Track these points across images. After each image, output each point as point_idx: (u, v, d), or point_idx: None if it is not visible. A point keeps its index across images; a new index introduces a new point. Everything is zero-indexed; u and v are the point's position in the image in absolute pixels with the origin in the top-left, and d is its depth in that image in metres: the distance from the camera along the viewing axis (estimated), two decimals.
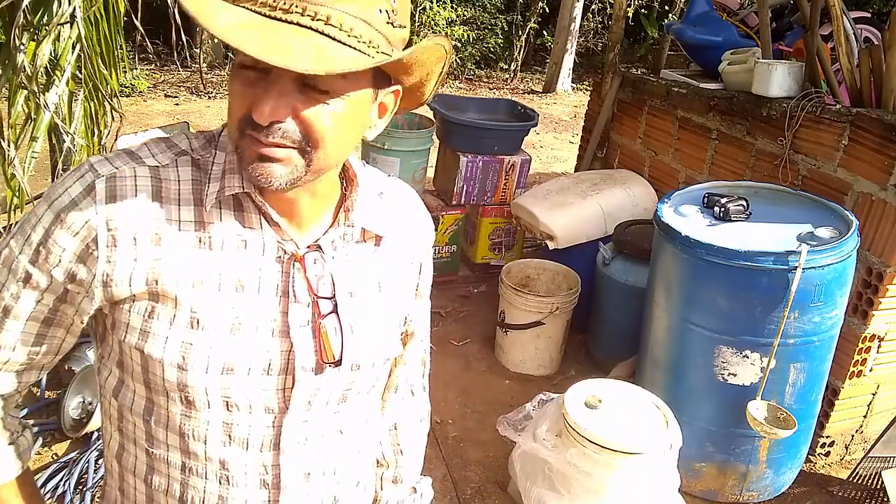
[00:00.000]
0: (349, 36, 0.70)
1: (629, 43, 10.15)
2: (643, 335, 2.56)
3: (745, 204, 2.38)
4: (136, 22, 2.39)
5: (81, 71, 2.28)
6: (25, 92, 2.08)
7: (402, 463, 1.16)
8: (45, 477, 2.21)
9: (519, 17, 9.52)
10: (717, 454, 2.37)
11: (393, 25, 0.75)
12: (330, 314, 0.85)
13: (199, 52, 6.91)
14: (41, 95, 2.09)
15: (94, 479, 2.22)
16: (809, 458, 2.62)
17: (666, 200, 2.52)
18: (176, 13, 2.35)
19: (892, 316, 2.47)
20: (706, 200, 2.47)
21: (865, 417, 2.69)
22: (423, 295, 1.05)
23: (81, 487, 2.20)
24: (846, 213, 2.33)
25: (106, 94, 2.38)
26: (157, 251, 0.79)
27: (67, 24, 2.10)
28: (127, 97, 6.75)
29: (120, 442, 0.89)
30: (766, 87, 2.80)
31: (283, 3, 0.69)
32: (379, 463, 1.14)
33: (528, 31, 9.42)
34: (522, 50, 9.58)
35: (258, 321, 0.82)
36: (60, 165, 2.39)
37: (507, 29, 9.55)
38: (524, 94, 9.09)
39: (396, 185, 0.99)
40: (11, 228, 1.36)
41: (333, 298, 0.86)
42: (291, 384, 0.85)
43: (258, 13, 0.70)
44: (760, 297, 2.14)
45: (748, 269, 2.12)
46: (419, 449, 1.19)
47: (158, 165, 0.81)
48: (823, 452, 2.69)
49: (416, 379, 1.14)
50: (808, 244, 2.12)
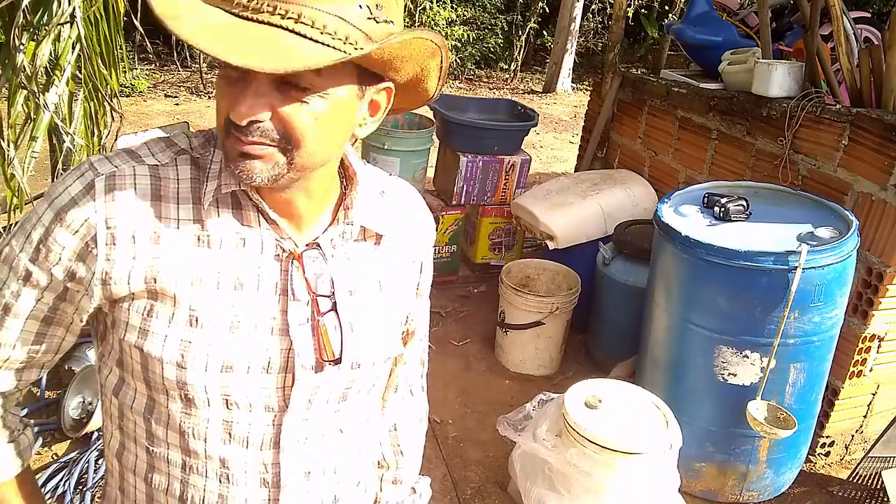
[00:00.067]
0: (322, 33, 0.70)
1: (629, 43, 10.15)
2: (643, 335, 2.56)
3: (745, 204, 2.38)
4: (136, 22, 2.38)
5: (81, 71, 2.28)
6: (25, 92, 2.08)
7: (401, 464, 1.16)
8: (45, 477, 2.21)
9: (519, 17, 9.51)
10: (717, 454, 2.37)
11: (376, 21, 0.73)
12: (329, 312, 0.85)
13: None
14: (41, 95, 2.09)
15: (94, 479, 2.22)
16: (809, 458, 2.62)
17: (666, 200, 2.52)
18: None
19: (892, 316, 2.47)
20: (706, 200, 2.47)
21: (865, 417, 2.69)
22: (423, 294, 1.05)
23: (81, 487, 2.20)
24: (846, 213, 2.33)
25: (106, 94, 2.38)
26: (155, 249, 0.79)
27: (67, 23, 2.10)
28: (127, 97, 6.75)
29: (120, 440, 0.90)
30: (766, 87, 2.80)
31: (255, 2, 0.69)
32: (379, 464, 1.14)
33: (528, 31, 9.41)
34: (522, 50, 9.57)
35: (257, 319, 0.82)
36: (60, 165, 2.39)
37: (507, 29, 9.55)
38: (524, 94, 9.09)
39: (398, 184, 0.99)
40: (12, 228, 1.36)
41: (332, 296, 0.86)
42: (291, 382, 0.84)
43: (231, 13, 0.70)
44: (760, 297, 2.14)
45: (748, 269, 2.12)
46: (418, 449, 1.19)
47: (158, 164, 0.82)
48: (823, 452, 2.68)
49: (415, 379, 1.14)
50: (808, 244, 2.12)
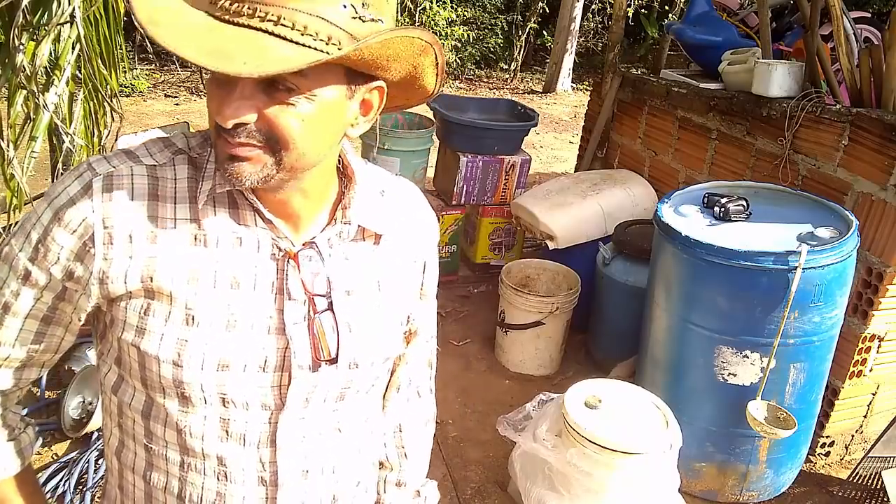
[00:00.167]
0: (302, 34, 0.69)
1: (629, 43, 10.15)
2: (643, 335, 2.55)
3: (745, 204, 2.38)
4: (135, 22, 2.38)
5: (81, 71, 2.28)
6: (25, 92, 2.08)
7: (406, 466, 1.14)
8: (45, 477, 2.21)
9: (519, 17, 9.51)
10: (717, 454, 2.37)
11: (362, 20, 0.73)
12: (325, 311, 0.85)
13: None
14: (41, 95, 2.08)
15: (94, 479, 2.22)
16: (809, 458, 2.62)
17: (666, 200, 2.52)
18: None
19: (892, 316, 2.47)
20: (706, 200, 2.47)
21: (865, 417, 2.69)
22: (428, 295, 1.04)
23: (81, 487, 2.20)
24: (846, 213, 2.33)
25: (106, 94, 2.38)
26: (152, 248, 0.79)
27: (67, 24, 2.10)
28: (127, 97, 6.75)
29: (120, 438, 0.90)
30: (766, 87, 2.80)
31: (236, 5, 0.69)
32: (382, 465, 1.13)
33: (528, 31, 9.41)
34: (522, 50, 9.57)
35: (253, 318, 0.82)
36: (60, 165, 2.39)
37: (507, 29, 9.54)
38: (524, 94, 9.09)
39: (400, 183, 0.98)
40: (11, 228, 1.36)
41: (328, 296, 0.85)
42: (288, 381, 0.84)
43: (213, 17, 0.70)
44: (760, 297, 2.14)
45: (748, 269, 2.12)
46: (424, 452, 1.17)
47: (156, 164, 0.82)
48: (823, 452, 2.68)
49: (422, 380, 1.13)
50: (808, 244, 2.12)
